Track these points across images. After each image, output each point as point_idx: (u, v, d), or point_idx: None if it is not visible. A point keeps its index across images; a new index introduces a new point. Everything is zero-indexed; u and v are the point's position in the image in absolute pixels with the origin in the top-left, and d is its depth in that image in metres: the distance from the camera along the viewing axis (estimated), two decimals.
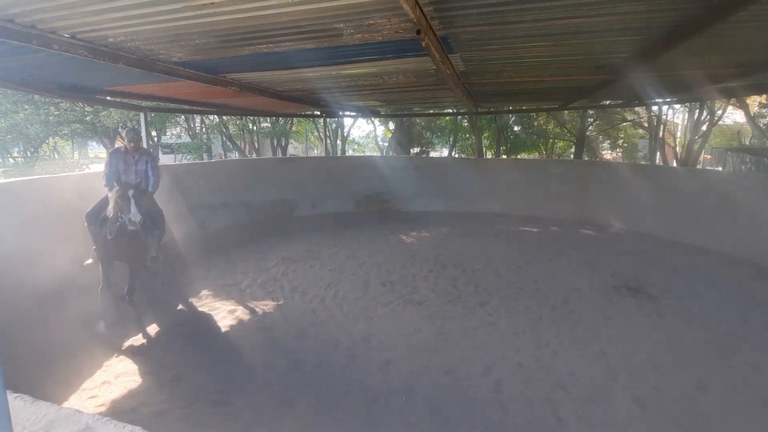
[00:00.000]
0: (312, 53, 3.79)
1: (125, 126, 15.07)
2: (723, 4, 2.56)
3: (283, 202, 9.02)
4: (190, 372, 3.23)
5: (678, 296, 4.64)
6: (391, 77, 5.20)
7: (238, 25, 2.90)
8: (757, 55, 4.22)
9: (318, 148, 24.31)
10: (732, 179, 7.09)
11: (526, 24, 3.05)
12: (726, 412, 2.74)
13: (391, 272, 5.53)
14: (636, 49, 3.89)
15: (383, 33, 3.09)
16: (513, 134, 16.90)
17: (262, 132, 17.94)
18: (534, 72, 5.11)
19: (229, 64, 4.30)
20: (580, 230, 8.01)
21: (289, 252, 6.44)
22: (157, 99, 6.61)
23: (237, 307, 4.42)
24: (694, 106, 13.32)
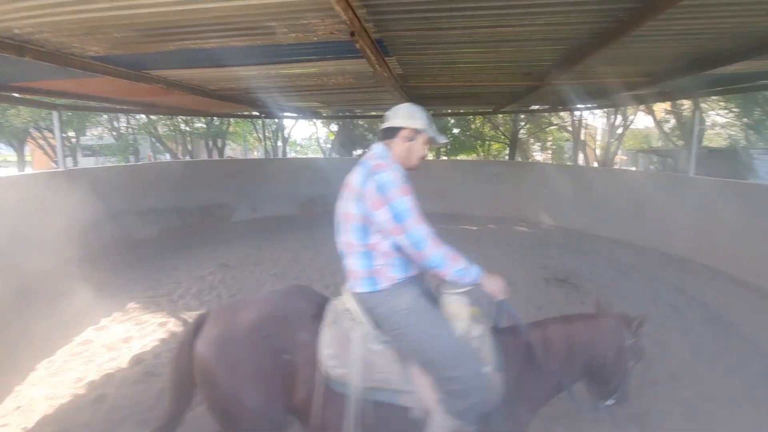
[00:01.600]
0: (245, 51, 3.66)
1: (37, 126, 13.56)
2: (627, 19, 2.84)
3: (220, 206, 8.60)
4: (115, 390, 2.98)
5: (599, 285, 5.08)
6: (330, 78, 5.17)
7: (160, 19, 2.72)
8: (659, 66, 4.74)
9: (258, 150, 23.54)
10: (642, 178, 7.91)
11: (457, 30, 3.18)
12: (639, 387, 3.03)
13: (335, 274, 5.48)
14: (557, 57, 4.20)
15: (318, 34, 3.06)
16: (452, 136, 17.52)
17: (195, 133, 16.98)
18: (468, 77, 5.34)
19: (154, 60, 4.03)
20: (514, 227, 8.49)
21: (227, 258, 6.16)
22: (73, 96, 6.01)
23: (168, 320, 4.14)
24: (611, 111, 14.71)
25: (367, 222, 1.64)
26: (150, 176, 7.46)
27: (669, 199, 6.40)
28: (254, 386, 1.53)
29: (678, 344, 3.65)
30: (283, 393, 1.56)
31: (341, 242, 1.78)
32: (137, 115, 15.89)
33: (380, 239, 1.65)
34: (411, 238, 1.59)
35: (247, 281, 5.20)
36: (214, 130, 16.68)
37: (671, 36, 3.44)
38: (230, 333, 1.58)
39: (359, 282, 1.70)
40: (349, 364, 1.56)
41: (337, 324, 1.66)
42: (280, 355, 1.57)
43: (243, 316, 1.62)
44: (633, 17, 2.75)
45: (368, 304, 1.69)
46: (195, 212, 8.12)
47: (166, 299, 4.67)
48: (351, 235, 1.69)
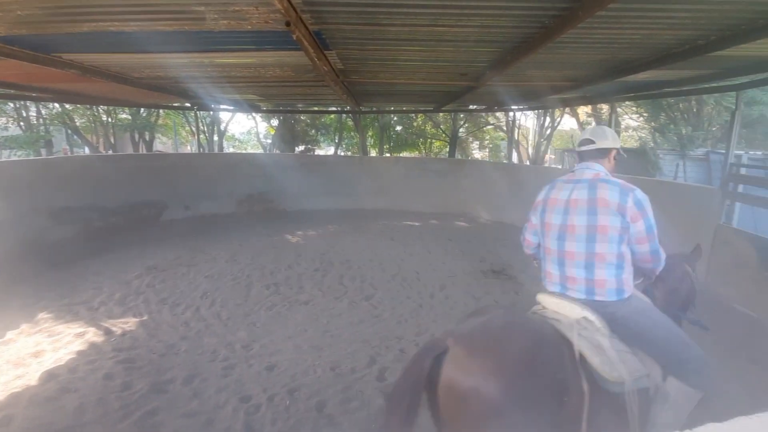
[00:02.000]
0: (171, 37, 3.41)
1: None
2: (552, 26, 3.04)
3: (148, 205, 7.97)
4: (23, 410, 2.64)
5: (530, 275, 5.40)
6: (268, 70, 4.98)
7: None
8: (581, 72, 5.13)
9: (191, 144, 22.14)
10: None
11: (396, 27, 3.20)
12: None
13: (276, 273, 5.32)
14: (491, 59, 4.39)
15: (252, 22, 2.93)
16: (395, 133, 17.74)
17: (119, 125, 15.57)
18: (408, 75, 5.42)
19: (66, 43, 3.62)
20: (455, 222, 8.80)
21: (156, 260, 5.73)
22: None
23: (87, 329, 3.75)
24: (541, 113, 15.72)
25: (624, 233, 1.76)
26: (65, 172, 6.71)
27: None
28: (539, 411, 1.46)
29: None
30: (555, 412, 1.51)
31: (575, 255, 1.82)
32: (50, 104, 14.24)
33: (626, 250, 1.80)
34: (653, 247, 1.82)
35: (180, 284, 4.87)
36: (141, 122, 15.40)
37: (590, 44, 3.73)
38: (510, 364, 1.46)
39: (606, 291, 1.77)
40: (615, 365, 1.63)
41: (583, 335, 1.68)
42: (556, 377, 1.53)
43: (512, 345, 1.52)
44: (557, 24, 2.94)
45: (610, 310, 1.76)
46: (119, 211, 7.45)
47: (85, 307, 4.23)
48: (604, 246, 1.76)
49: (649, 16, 2.98)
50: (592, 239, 1.77)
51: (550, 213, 1.93)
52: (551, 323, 1.75)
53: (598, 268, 1.77)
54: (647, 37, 3.55)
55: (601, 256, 1.76)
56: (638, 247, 1.82)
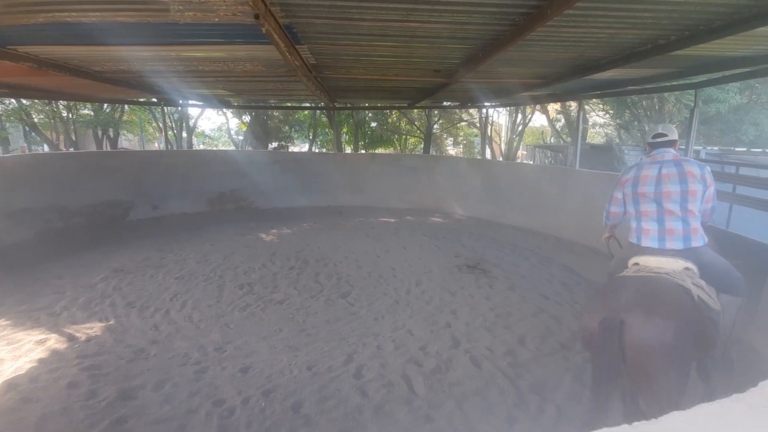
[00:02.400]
0: (134, 29, 3.26)
1: None
2: (522, 24, 3.09)
3: (113, 204, 7.65)
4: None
5: (504, 269, 5.52)
6: (237, 64, 4.86)
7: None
8: (550, 69, 5.25)
9: (159, 141, 21.40)
10: (538, 171, 8.77)
11: (368, 22, 3.17)
12: (538, 358, 3.37)
13: (250, 273, 5.21)
14: (464, 56, 4.43)
15: (219, 14, 2.83)
16: (370, 130, 17.69)
17: (81, 121, 14.85)
18: (382, 71, 5.40)
19: (20, 34, 3.42)
20: (430, 218, 8.86)
21: (123, 262, 5.50)
22: None
23: (48, 336, 3.57)
24: (513, 110, 16.04)
25: (702, 195, 2.38)
26: (21, 170, 6.36)
27: (560, 189, 7.19)
28: (692, 343, 1.99)
29: (568, 317, 4.12)
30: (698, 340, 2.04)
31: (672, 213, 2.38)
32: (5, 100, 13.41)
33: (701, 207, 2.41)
34: (714, 205, 2.52)
35: (148, 286, 4.70)
36: (104, 118, 14.73)
37: (559, 42, 3.82)
38: (670, 317, 1.92)
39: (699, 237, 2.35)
40: (714, 297, 2.21)
41: (693, 281, 2.17)
42: (693, 316, 2.02)
43: (664, 304, 1.98)
44: (527, 22, 3.00)
45: (699, 255, 2.31)
46: (81, 212, 7.12)
47: (46, 313, 4.02)
48: (694, 205, 2.35)
49: (614, 15, 3.07)
50: (685, 200, 2.35)
51: (642, 185, 2.49)
52: (668, 278, 2.16)
53: (692, 221, 2.35)
54: (612, 36, 3.66)
55: (692, 213, 2.35)
56: (707, 205, 2.47)
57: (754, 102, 11.99)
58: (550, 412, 2.73)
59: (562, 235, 6.98)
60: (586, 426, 2.36)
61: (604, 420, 2.13)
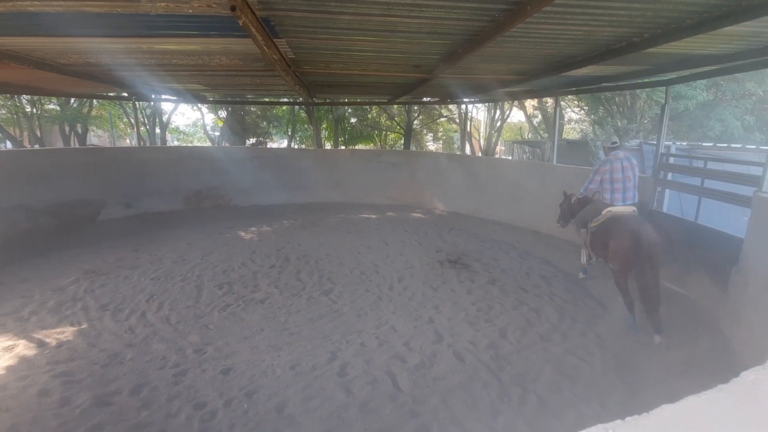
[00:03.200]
0: (102, 19, 3.12)
1: None
2: (501, 19, 3.10)
3: (83, 203, 7.36)
4: None
5: (484, 263, 5.59)
6: (213, 58, 4.72)
7: None
8: (528, 66, 5.31)
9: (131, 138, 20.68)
10: (516, 166, 8.91)
11: (347, 16, 3.12)
12: (519, 350, 3.43)
13: (229, 272, 5.10)
14: (443, 52, 4.43)
15: (193, 5, 2.73)
16: (350, 125, 17.57)
17: (46, 116, 14.18)
18: (361, 66, 5.34)
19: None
20: (411, 214, 8.89)
21: (95, 263, 5.30)
22: None
23: (16, 342, 3.41)
24: (491, 105, 16.22)
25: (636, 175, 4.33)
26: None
27: (538, 184, 7.32)
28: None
29: (547, 309, 4.21)
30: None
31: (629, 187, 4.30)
32: None
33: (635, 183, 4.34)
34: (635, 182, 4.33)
35: (122, 288, 4.54)
36: (72, 114, 14.10)
37: (537, 39, 3.87)
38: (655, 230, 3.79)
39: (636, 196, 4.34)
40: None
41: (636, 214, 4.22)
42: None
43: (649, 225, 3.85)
44: (507, 18, 3.01)
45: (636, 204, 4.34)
46: (49, 211, 6.81)
47: (12, 318, 3.84)
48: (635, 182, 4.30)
49: (591, 13, 3.12)
50: (634, 180, 4.29)
51: (616, 173, 4.27)
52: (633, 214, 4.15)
53: (634, 190, 4.30)
54: (589, 34, 3.73)
55: (635, 186, 4.30)
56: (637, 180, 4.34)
57: (719, 99, 12.49)
58: (532, 402, 2.79)
59: (540, 228, 7.12)
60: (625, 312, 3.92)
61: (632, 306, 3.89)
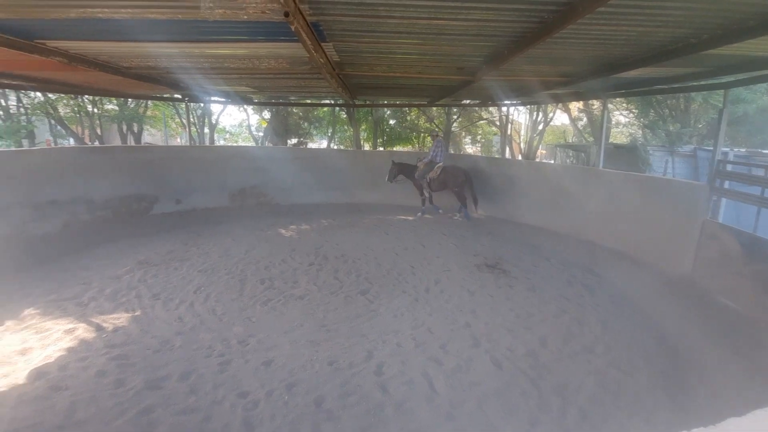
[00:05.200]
0: (164, 26, 3.33)
1: None
2: (551, 21, 3.03)
3: (138, 198, 7.84)
4: (10, 410, 2.58)
5: (524, 269, 5.45)
6: (262, 62, 4.90)
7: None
8: (575, 67, 5.15)
9: (182, 137, 21.80)
10: (559, 170, 8.60)
11: (395, 19, 3.16)
12: (560, 360, 3.33)
13: (270, 268, 5.28)
14: (488, 54, 4.38)
15: (248, 12, 2.86)
16: (389, 127, 17.66)
17: (106, 116, 15.21)
18: (404, 68, 5.38)
19: (51, 29, 3.51)
20: (449, 217, 8.81)
21: (148, 255, 5.64)
22: None
23: (77, 325, 3.68)
24: (533, 108, 15.79)
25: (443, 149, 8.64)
26: (48, 164, 6.55)
27: (582, 189, 7.05)
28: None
29: (590, 320, 4.05)
30: None
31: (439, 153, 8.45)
32: (32, 93, 13.83)
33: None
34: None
35: (172, 279, 4.80)
36: (129, 113, 15.06)
37: (587, 40, 3.74)
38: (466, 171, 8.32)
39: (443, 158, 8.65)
40: None
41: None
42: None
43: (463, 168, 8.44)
44: (556, 19, 2.94)
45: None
46: (107, 205, 7.31)
47: (74, 303, 4.15)
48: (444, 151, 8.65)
49: (646, 13, 2.99)
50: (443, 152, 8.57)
51: (440, 147, 8.41)
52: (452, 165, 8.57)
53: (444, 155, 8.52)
54: (643, 35, 3.57)
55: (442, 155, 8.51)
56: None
57: None
58: (573, 414, 2.70)
59: (583, 236, 6.85)
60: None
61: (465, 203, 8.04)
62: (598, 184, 6.70)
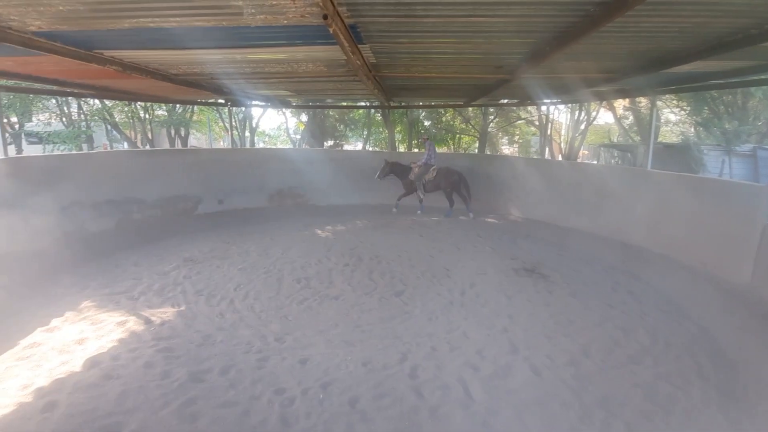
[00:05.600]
0: (209, 33, 3.47)
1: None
2: (597, 14, 2.89)
3: (184, 198, 8.23)
4: (67, 396, 2.77)
5: (564, 274, 5.24)
6: (300, 65, 5.01)
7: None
8: (620, 63, 4.90)
9: (224, 140, 22.73)
10: (603, 171, 8.22)
11: (432, 19, 3.13)
12: (603, 371, 3.16)
13: (306, 268, 5.37)
14: (528, 51, 4.25)
15: (288, 16, 2.93)
16: (424, 128, 17.58)
17: (156, 121, 16.13)
18: (441, 68, 5.32)
19: (107, 39, 3.74)
20: (484, 219, 8.64)
21: (192, 252, 5.90)
22: (13, 77, 5.51)
23: (128, 318, 3.90)
24: (575, 107, 15.20)
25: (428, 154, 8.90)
26: (105, 166, 7.01)
27: (628, 191, 6.69)
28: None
29: (637, 329, 3.82)
30: None
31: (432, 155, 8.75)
32: (90, 100, 14.89)
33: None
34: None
35: (214, 276, 5.00)
36: (177, 118, 15.90)
37: (636, 33, 3.55)
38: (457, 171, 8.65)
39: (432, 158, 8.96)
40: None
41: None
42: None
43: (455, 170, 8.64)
44: (603, 12, 2.80)
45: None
46: (156, 204, 7.72)
47: (125, 296, 4.41)
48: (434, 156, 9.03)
49: (704, 2, 2.80)
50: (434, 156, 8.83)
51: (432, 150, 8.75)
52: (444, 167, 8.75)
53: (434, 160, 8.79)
54: (699, 26, 3.34)
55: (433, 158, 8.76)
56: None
57: None
58: (618, 429, 2.56)
59: (629, 240, 6.49)
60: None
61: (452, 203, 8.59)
62: (647, 186, 6.33)
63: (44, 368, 3.08)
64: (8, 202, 5.13)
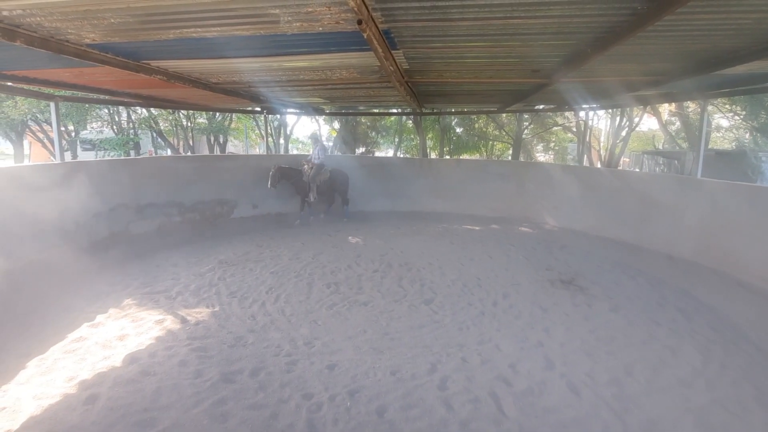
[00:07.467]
0: (247, 41, 3.56)
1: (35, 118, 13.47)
2: (645, 12, 2.73)
3: (220, 202, 8.51)
4: (108, 390, 2.88)
5: (604, 287, 4.97)
6: (334, 72, 5.06)
7: (159, 3, 2.61)
8: (668, 65, 4.63)
9: (260, 147, 23.42)
10: (648, 179, 7.79)
11: (467, 22, 3.07)
12: (649, 392, 2.94)
13: (336, 273, 5.39)
14: (566, 54, 4.09)
15: (323, 23, 2.96)
16: (456, 135, 17.41)
17: (197, 128, 16.86)
18: (474, 73, 5.23)
19: (154, 50, 3.92)
20: (518, 228, 8.39)
21: (227, 255, 6.06)
22: (70, 87, 5.90)
23: (165, 317, 4.04)
24: (615, 112, 14.59)
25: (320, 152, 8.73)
26: (149, 171, 7.36)
27: (675, 201, 6.30)
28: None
29: (687, 349, 3.55)
30: None
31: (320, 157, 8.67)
32: (138, 109, 15.76)
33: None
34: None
35: (247, 279, 5.10)
36: (216, 126, 16.55)
37: (687, 32, 3.34)
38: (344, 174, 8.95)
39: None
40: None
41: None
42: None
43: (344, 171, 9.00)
44: (652, 9, 2.64)
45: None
46: (195, 208, 8.02)
47: (164, 296, 4.57)
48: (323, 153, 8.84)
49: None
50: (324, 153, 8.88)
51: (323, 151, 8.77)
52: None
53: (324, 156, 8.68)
54: (759, 22, 3.10)
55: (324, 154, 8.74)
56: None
57: None
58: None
59: (677, 253, 6.10)
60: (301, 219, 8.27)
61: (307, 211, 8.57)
62: (697, 195, 5.94)
63: (88, 362, 3.23)
64: (63, 203, 5.47)
